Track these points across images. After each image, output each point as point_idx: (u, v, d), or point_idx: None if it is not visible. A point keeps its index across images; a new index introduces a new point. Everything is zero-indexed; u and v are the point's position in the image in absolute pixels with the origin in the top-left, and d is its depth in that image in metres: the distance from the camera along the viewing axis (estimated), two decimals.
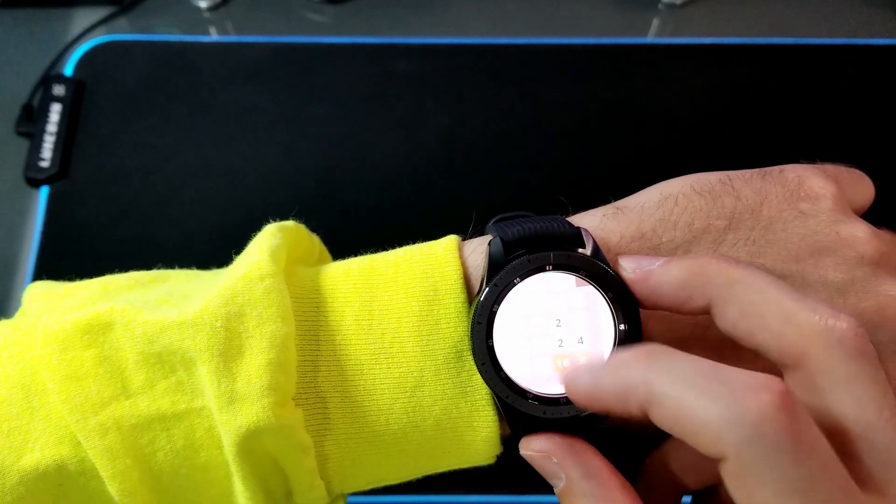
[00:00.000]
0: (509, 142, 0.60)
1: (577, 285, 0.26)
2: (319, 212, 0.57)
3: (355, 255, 0.31)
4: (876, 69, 0.64)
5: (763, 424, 0.20)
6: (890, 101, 0.62)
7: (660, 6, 0.68)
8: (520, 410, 0.26)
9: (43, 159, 0.58)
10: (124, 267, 0.31)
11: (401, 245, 0.30)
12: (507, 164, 0.59)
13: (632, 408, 0.23)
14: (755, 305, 0.23)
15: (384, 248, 0.31)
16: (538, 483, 0.27)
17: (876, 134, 0.61)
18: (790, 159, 0.31)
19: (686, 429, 0.21)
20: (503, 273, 0.27)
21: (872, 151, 0.60)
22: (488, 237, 0.29)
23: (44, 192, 0.58)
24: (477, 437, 0.28)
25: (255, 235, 0.30)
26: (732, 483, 0.21)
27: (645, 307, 0.26)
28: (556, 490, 0.26)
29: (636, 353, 0.23)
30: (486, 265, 0.27)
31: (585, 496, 0.25)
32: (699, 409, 0.21)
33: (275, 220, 0.30)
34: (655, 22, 0.68)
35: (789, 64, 0.64)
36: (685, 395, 0.21)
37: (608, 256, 0.27)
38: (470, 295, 0.28)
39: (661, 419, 0.22)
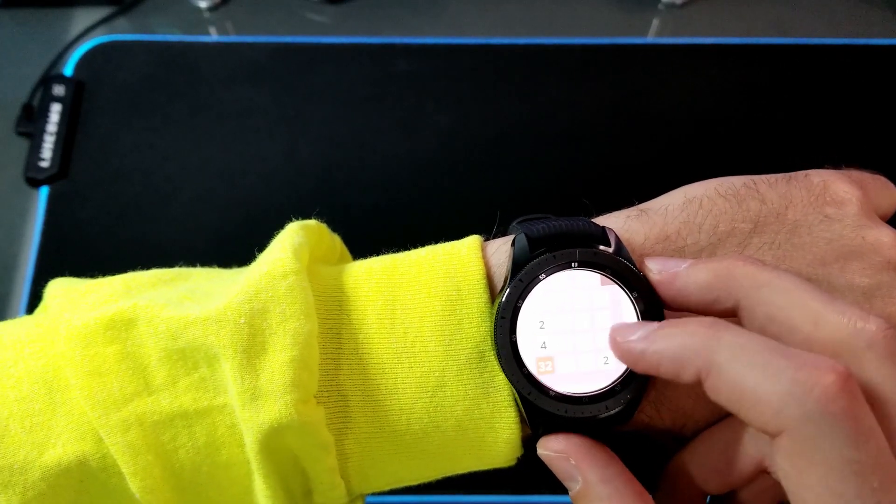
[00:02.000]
0: (509, 142, 0.60)
1: (602, 284, 0.26)
2: (319, 212, 0.56)
3: (355, 256, 0.31)
4: (876, 69, 0.64)
5: (827, 403, 0.20)
6: (890, 101, 0.62)
7: (660, 6, 0.68)
8: (541, 408, 0.26)
9: (43, 159, 0.58)
10: (125, 267, 0.31)
11: (400, 246, 0.30)
12: (507, 165, 0.59)
13: (685, 374, 0.23)
14: (783, 309, 0.23)
15: (383, 249, 0.31)
16: (548, 483, 0.26)
17: (876, 134, 0.61)
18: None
19: (744, 402, 0.21)
20: (528, 269, 0.27)
21: (873, 151, 0.60)
22: (511, 237, 0.29)
23: (44, 192, 0.58)
24: (498, 438, 0.28)
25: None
26: (786, 461, 0.21)
27: (671, 309, 0.26)
28: (570, 493, 0.26)
29: (698, 322, 0.23)
30: (510, 262, 0.27)
31: (601, 501, 0.25)
32: (761, 382, 0.21)
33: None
34: (655, 22, 0.68)
35: (789, 64, 0.64)
36: (748, 367, 0.21)
37: (633, 258, 0.27)
38: (493, 294, 0.28)
39: (718, 390, 0.22)
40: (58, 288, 0.29)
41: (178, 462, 0.27)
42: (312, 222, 0.31)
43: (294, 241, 0.28)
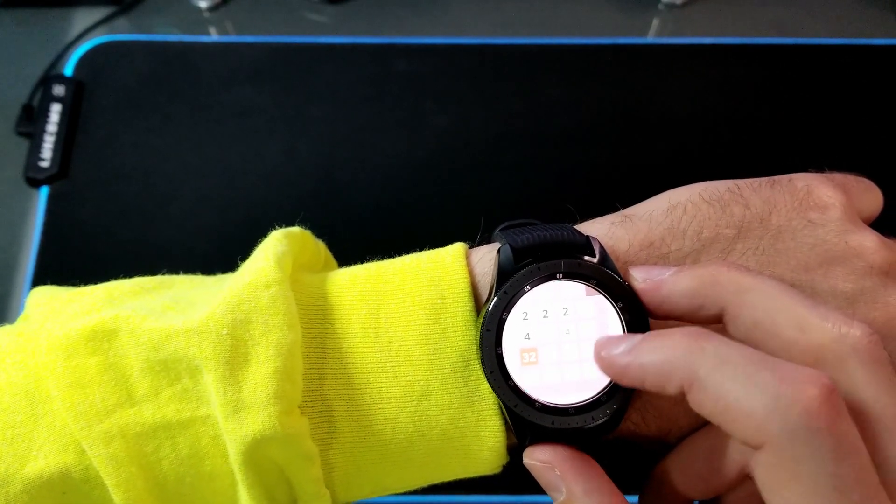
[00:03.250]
0: (509, 142, 0.60)
1: (587, 294, 0.26)
2: (319, 212, 0.57)
3: (354, 255, 0.31)
4: (876, 69, 0.64)
5: (810, 418, 0.20)
6: (890, 101, 0.62)
7: (660, 6, 0.68)
8: (527, 419, 0.26)
9: (43, 159, 0.58)
10: (124, 267, 0.31)
11: (400, 246, 0.30)
12: (507, 165, 0.59)
13: (670, 387, 0.23)
14: (768, 313, 0.23)
15: (383, 249, 0.31)
16: (538, 486, 0.27)
17: (876, 135, 0.61)
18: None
19: (727, 414, 0.21)
20: (513, 281, 0.26)
21: (872, 152, 0.60)
22: (496, 245, 0.29)
23: (44, 192, 0.58)
24: (483, 446, 0.28)
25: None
26: (766, 474, 0.21)
27: (656, 317, 0.26)
28: (554, 503, 0.26)
29: (682, 333, 0.23)
30: (495, 273, 0.27)
31: None
32: (744, 395, 0.21)
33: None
34: (655, 22, 0.68)
35: (789, 64, 0.64)
36: (731, 380, 0.21)
37: (617, 265, 0.27)
38: (478, 303, 0.28)
39: (701, 402, 0.22)
40: (40, 297, 0.29)
41: (161, 473, 0.27)
42: (296, 229, 0.30)
43: (277, 249, 0.28)
